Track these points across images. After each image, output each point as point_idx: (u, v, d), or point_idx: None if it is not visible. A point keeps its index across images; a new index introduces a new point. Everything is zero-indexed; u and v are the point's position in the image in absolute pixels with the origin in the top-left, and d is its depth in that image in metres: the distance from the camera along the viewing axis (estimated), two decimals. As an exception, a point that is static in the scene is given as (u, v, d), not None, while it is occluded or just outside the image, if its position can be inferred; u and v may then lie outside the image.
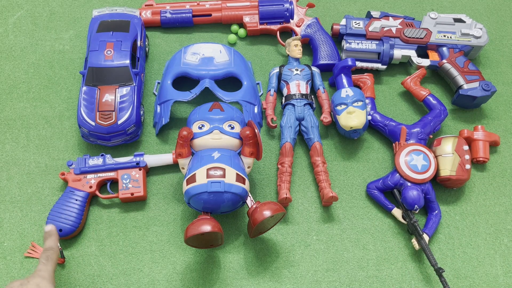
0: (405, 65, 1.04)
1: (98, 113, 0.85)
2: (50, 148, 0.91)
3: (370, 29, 1.00)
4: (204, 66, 0.93)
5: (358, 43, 0.99)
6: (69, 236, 0.82)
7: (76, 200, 0.83)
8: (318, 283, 0.81)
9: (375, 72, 1.02)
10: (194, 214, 0.86)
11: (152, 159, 0.87)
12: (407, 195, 0.83)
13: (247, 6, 1.05)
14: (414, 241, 0.82)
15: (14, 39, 1.04)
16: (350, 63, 0.94)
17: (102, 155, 0.86)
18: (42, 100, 0.96)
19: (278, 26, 1.04)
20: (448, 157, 0.87)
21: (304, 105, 0.92)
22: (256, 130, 0.78)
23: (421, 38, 1.00)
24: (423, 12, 1.12)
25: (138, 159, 0.86)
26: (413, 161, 0.87)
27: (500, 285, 0.82)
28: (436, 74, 1.03)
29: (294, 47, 0.97)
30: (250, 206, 0.78)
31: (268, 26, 1.04)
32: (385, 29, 1.01)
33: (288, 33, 1.07)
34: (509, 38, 1.09)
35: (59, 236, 0.80)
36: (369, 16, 1.04)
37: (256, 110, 0.93)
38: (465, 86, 0.95)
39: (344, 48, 0.99)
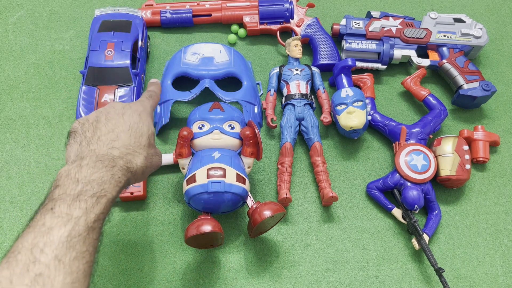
0: (405, 65, 1.04)
1: (97, 113, 0.85)
2: (50, 148, 0.91)
3: (370, 29, 1.00)
4: (204, 66, 0.93)
5: (358, 43, 0.99)
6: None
7: None
8: (318, 283, 0.81)
9: (375, 72, 1.02)
10: (194, 214, 0.86)
11: (152, 159, 0.87)
12: (407, 195, 0.83)
13: (247, 6, 1.05)
14: (414, 241, 0.82)
15: (14, 39, 1.03)
16: (350, 63, 0.94)
17: (102, 154, 0.86)
18: (42, 100, 0.96)
19: (278, 26, 1.04)
20: (448, 157, 0.87)
21: (304, 105, 0.92)
22: (256, 130, 0.78)
23: (421, 38, 1.00)
24: (423, 12, 1.11)
25: (138, 159, 0.86)
26: (413, 161, 0.87)
27: (500, 285, 0.82)
28: (436, 74, 1.03)
29: (294, 47, 0.97)
30: (250, 206, 0.78)
31: (268, 26, 1.04)
32: (385, 29, 1.01)
33: (288, 33, 1.07)
34: (509, 38, 1.09)
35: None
36: (369, 16, 1.04)
37: (256, 110, 0.93)
38: (465, 86, 0.95)
39: (344, 48, 0.99)
